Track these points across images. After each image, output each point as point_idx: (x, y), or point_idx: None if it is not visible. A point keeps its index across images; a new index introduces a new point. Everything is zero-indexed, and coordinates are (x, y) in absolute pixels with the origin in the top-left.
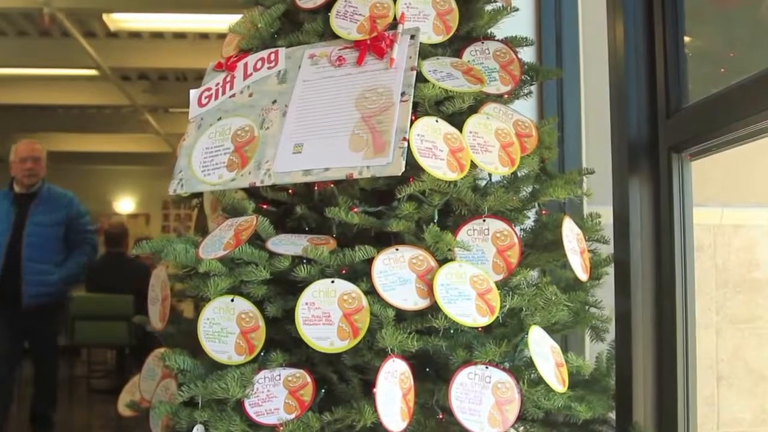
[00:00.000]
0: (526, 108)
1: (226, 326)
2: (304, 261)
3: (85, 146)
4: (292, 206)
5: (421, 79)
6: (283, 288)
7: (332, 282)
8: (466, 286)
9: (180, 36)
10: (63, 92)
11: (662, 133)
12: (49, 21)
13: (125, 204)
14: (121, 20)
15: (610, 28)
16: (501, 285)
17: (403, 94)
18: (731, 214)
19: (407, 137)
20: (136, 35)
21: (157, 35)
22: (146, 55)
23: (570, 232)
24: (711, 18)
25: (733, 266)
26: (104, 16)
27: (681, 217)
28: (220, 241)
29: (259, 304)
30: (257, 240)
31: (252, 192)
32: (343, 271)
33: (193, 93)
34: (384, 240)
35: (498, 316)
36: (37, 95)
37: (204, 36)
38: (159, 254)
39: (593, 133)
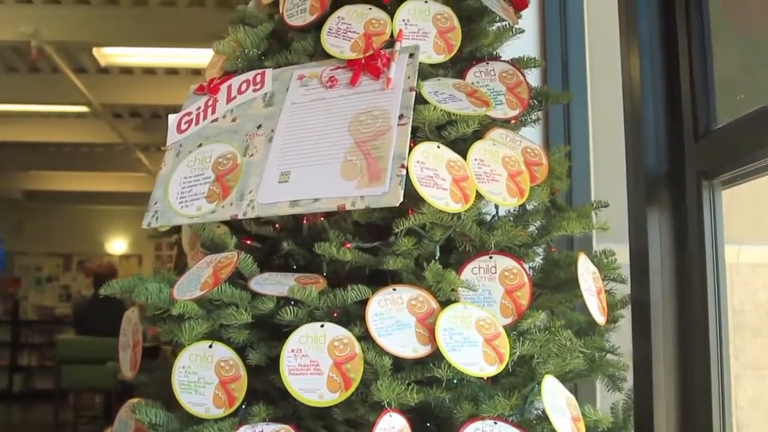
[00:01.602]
0: (529, 135)
1: (203, 375)
2: (291, 303)
3: (76, 185)
4: (278, 242)
5: (420, 101)
6: (267, 333)
7: (321, 326)
8: (472, 330)
9: (172, 72)
10: (53, 129)
11: (690, 158)
12: (36, 54)
13: (117, 245)
14: (112, 55)
15: (624, 53)
16: (510, 329)
17: (401, 116)
18: (749, 252)
19: (406, 164)
20: (127, 71)
21: (149, 71)
22: (138, 91)
23: (586, 271)
24: (728, 42)
25: (750, 308)
26: (95, 51)
27: (713, 251)
28: (197, 280)
29: (240, 350)
30: (239, 279)
31: (235, 226)
32: (335, 314)
33: (172, 118)
34: (380, 279)
35: (507, 365)
36: (27, 132)
37: (197, 72)
38: (130, 294)
39: (602, 163)
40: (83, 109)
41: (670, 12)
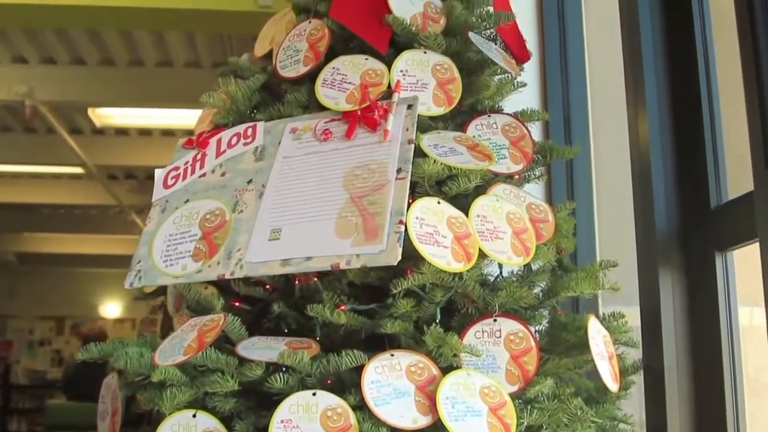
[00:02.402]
0: (531, 192)
1: None
2: (281, 369)
3: (69, 247)
4: (268, 303)
5: (420, 154)
6: (255, 401)
7: (314, 394)
8: (476, 399)
9: (168, 133)
10: (47, 191)
11: (703, 227)
12: (31, 114)
13: (111, 308)
14: (107, 116)
15: (631, 113)
16: (516, 397)
17: (399, 170)
18: (763, 314)
19: (404, 220)
20: (123, 132)
21: (145, 132)
22: (134, 152)
23: (596, 334)
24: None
25: (765, 375)
26: (90, 111)
27: (727, 317)
28: (180, 344)
29: (226, 420)
30: (226, 343)
31: (223, 287)
32: (328, 382)
33: (159, 172)
34: (377, 344)
35: None
36: (20, 193)
37: (193, 134)
38: (110, 359)
39: (606, 222)
40: (78, 170)
41: (678, 72)
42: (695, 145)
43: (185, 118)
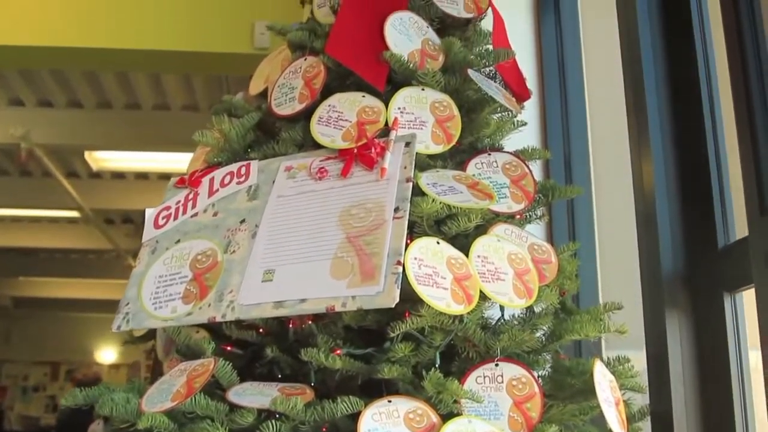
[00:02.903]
0: (532, 232)
1: None
2: (274, 416)
3: (66, 292)
4: (261, 348)
5: (418, 193)
6: None
7: None
8: None
9: (166, 177)
10: (44, 235)
11: (710, 268)
12: (26, 157)
13: (107, 354)
14: (104, 159)
15: (635, 155)
16: None
17: (396, 209)
18: None
19: (402, 261)
20: (119, 176)
21: (142, 176)
22: (130, 196)
23: (603, 379)
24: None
25: None
26: (87, 155)
27: (737, 360)
28: (168, 389)
29: None
30: (217, 389)
31: (215, 330)
32: (323, 429)
33: (149, 212)
34: (373, 389)
35: None
36: (16, 237)
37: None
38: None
39: (608, 263)
40: (74, 214)
41: (682, 109)
42: (701, 184)
43: (182, 161)
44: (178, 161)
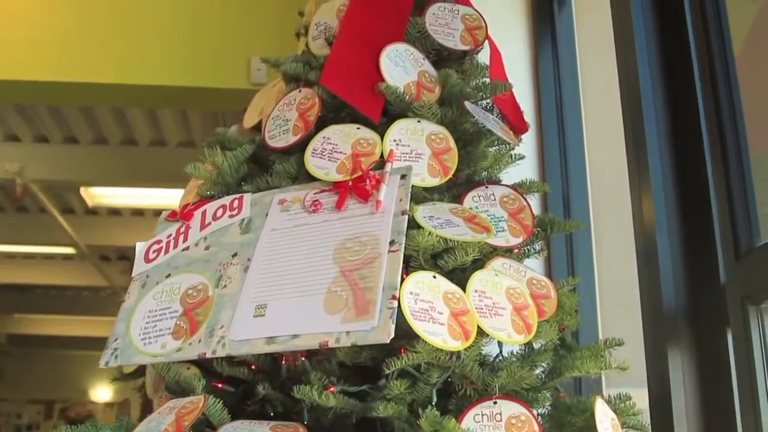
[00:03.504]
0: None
1: None
2: None
3: (61, 329)
4: (253, 385)
5: (414, 226)
6: None
7: None
8: None
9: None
10: (39, 271)
11: (713, 303)
12: (21, 193)
13: (102, 392)
14: (99, 195)
15: (634, 188)
16: None
17: (392, 243)
18: None
19: (397, 296)
20: (115, 212)
21: (138, 212)
22: (126, 233)
23: (605, 418)
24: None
25: None
26: (82, 191)
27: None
28: (156, 428)
29: None
30: (207, 427)
31: (206, 367)
32: None
33: (140, 246)
34: (368, 428)
35: None
36: (11, 274)
37: None
38: None
39: (607, 298)
40: (70, 250)
41: (683, 143)
42: (702, 219)
43: (178, 198)
44: (174, 198)
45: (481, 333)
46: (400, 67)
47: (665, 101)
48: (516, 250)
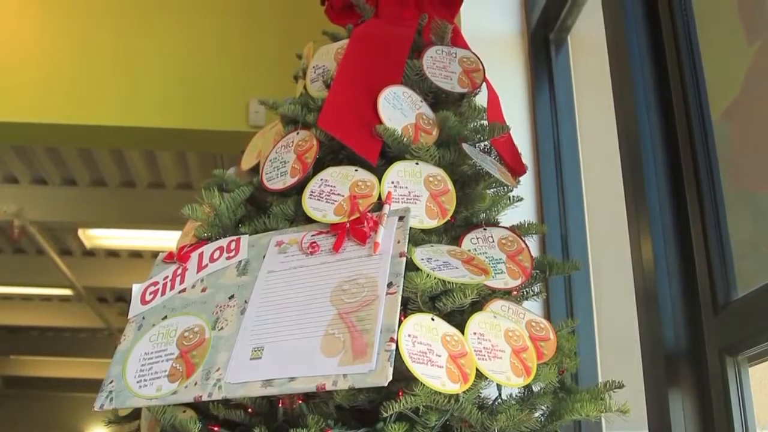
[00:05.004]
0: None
1: None
2: None
3: (57, 371)
4: (249, 428)
5: (412, 268)
6: None
7: None
8: None
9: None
10: (36, 313)
11: (709, 333)
12: (19, 234)
13: None
14: (97, 237)
15: (633, 231)
16: None
17: (390, 285)
18: None
19: (395, 338)
20: (113, 254)
21: (136, 254)
22: (124, 275)
23: None
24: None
25: None
26: (80, 233)
27: None
28: None
29: None
30: None
31: (203, 410)
32: None
33: (136, 288)
34: None
35: None
36: (8, 315)
37: None
38: None
39: (606, 340)
40: (67, 292)
41: (679, 182)
42: (698, 255)
43: (176, 240)
44: (172, 240)
45: (479, 376)
46: (398, 109)
47: (663, 142)
48: (515, 292)
